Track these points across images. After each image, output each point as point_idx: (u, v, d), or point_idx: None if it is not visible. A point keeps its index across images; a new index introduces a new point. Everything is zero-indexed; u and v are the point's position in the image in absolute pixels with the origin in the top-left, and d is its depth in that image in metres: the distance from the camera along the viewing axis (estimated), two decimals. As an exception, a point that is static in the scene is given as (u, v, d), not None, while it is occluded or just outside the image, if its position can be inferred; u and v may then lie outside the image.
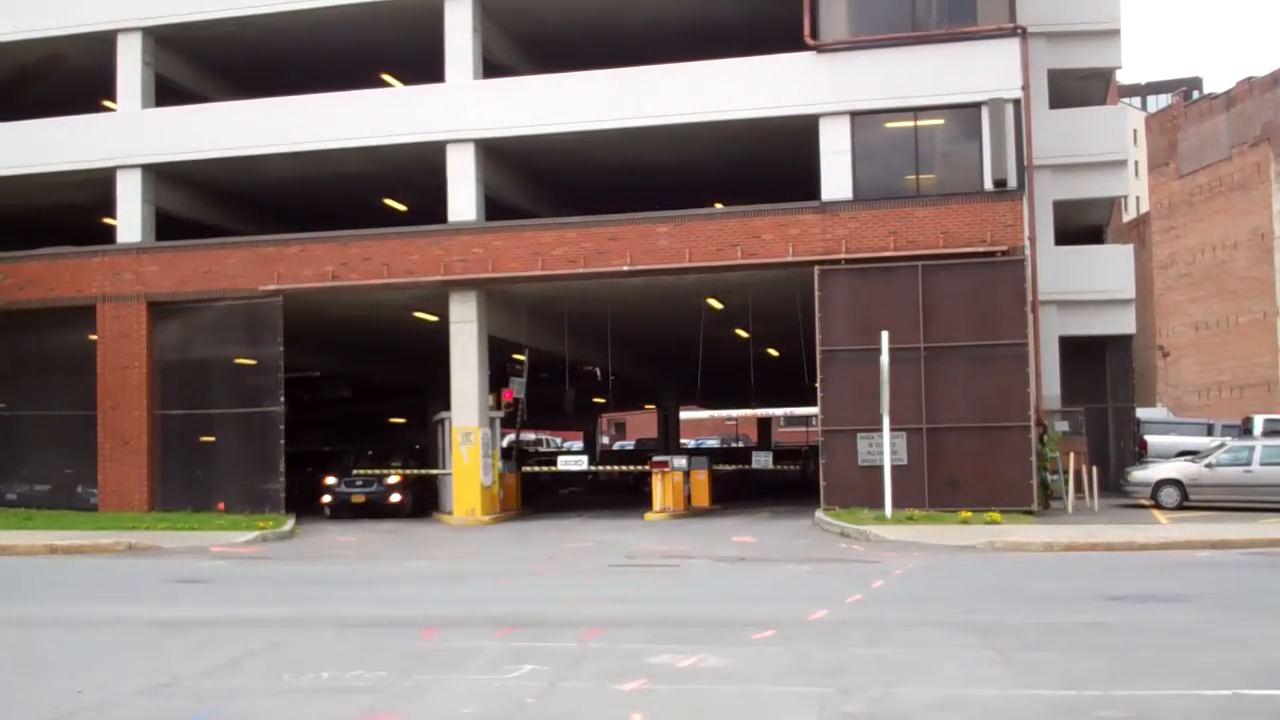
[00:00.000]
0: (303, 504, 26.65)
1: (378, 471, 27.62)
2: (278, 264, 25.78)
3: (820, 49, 23.92)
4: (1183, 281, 55.14)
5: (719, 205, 26.67)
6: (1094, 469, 25.40)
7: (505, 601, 13.21)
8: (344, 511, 26.99)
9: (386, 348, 35.03)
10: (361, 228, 26.30)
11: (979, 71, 23.24)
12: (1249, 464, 24.37)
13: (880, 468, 21.83)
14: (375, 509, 26.91)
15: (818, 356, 23.40)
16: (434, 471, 28.00)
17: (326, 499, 27.19)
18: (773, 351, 35.98)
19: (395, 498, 27.11)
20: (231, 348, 26.24)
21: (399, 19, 25.98)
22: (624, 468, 29.51)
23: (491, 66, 26.32)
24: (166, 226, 27.29)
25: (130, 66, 26.77)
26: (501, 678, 8.83)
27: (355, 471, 27.76)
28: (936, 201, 23.34)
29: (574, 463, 29.89)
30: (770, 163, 26.47)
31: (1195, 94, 68.80)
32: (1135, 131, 72.50)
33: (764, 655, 9.62)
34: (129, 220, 26.71)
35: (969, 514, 21.15)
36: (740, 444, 60.84)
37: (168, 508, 25.23)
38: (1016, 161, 23.18)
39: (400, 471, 27.77)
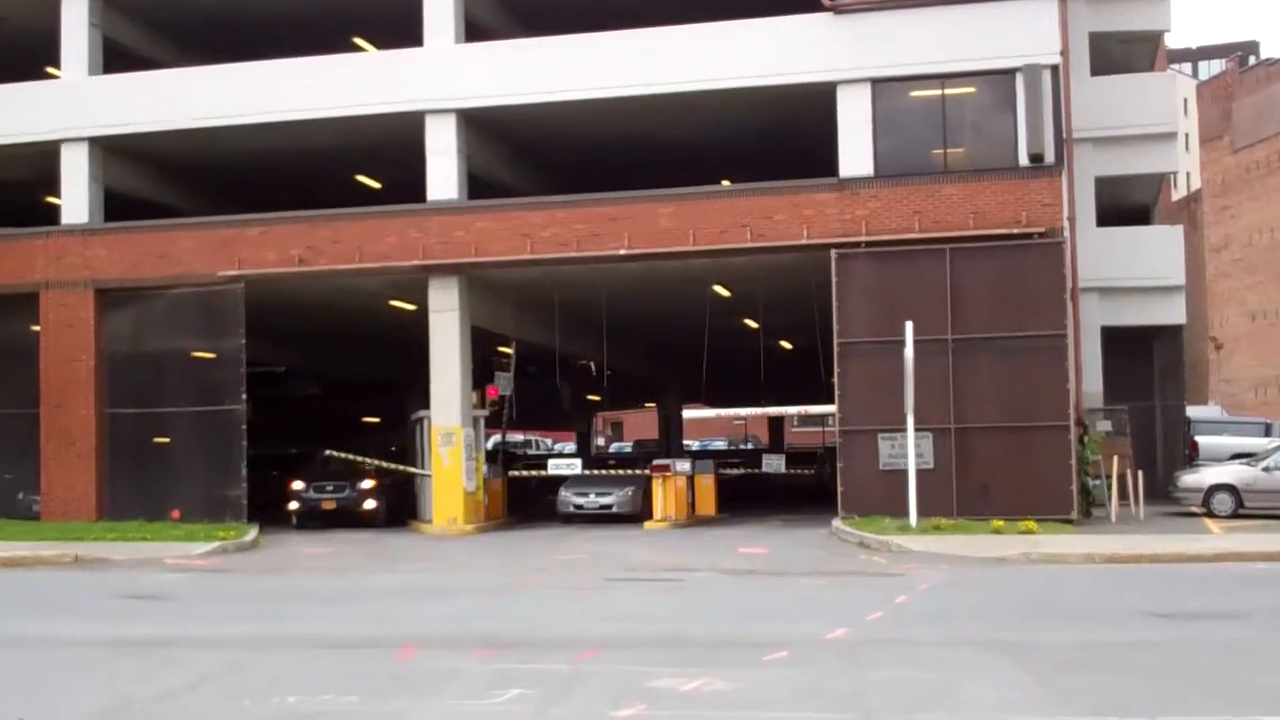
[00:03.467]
0: (267, 512, 26.66)
1: (352, 461, 27.48)
2: (238, 247, 25.78)
3: (838, 10, 23.90)
4: (1238, 266, 55.15)
5: (726, 183, 26.68)
6: (1139, 473, 25.41)
7: (490, 619, 13.25)
8: (312, 520, 27.03)
9: (359, 340, 35.02)
10: (331, 207, 26.29)
11: (1013, 35, 23.23)
12: (1311, 468, 24.38)
13: (904, 472, 21.84)
14: (347, 517, 26.94)
15: (835, 349, 23.42)
16: (411, 470, 27.99)
17: (293, 506, 27.22)
18: (785, 344, 36.01)
19: (369, 505, 27.14)
20: (188, 340, 26.21)
21: (373, -24, 25.99)
22: (613, 471, 29.58)
23: (475, 30, 26.29)
24: (116, 206, 27.27)
25: (75, 28, 26.74)
26: (486, 703, 8.85)
27: (328, 468, 27.72)
28: (966, 178, 23.34)
29: (565, 466, 29.92)
30: (783, 136, 26.45)
31: (1251, 59, 68.79)
32: (1185, 101, 72.44)
33: (776, 678, 9.64)
34: (75, 199, 26.70)
35: (1001, 523, 21.17)
36: (749, 446, 60.90)
37: (118, 516, 25.20)
38: (1055, 134, 23.18)
39: (375, 475, 27.79)
